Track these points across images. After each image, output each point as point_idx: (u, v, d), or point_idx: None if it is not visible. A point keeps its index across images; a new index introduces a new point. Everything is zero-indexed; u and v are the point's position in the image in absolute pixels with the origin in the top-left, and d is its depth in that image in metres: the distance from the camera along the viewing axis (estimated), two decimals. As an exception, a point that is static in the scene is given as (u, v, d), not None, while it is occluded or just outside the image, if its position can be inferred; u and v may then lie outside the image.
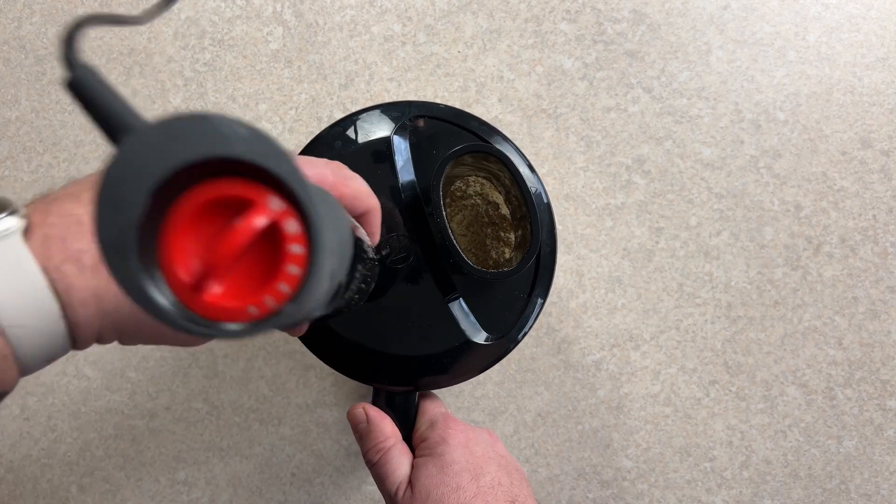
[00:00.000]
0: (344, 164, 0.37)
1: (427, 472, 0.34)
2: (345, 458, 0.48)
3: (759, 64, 0.48)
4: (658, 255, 0.48)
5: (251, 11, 0.48)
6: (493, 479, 0.34)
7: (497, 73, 0.48)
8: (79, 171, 0.48)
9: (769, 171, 0.47)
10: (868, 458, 0.47)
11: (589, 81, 0.48)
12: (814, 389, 0.47)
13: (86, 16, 0.16)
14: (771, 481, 0.48)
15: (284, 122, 0.48)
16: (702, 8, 0.48)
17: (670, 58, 0.48)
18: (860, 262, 0.47)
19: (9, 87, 0.48)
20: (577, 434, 0.48)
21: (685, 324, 0.48)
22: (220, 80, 0.48)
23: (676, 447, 0.48)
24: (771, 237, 0.47)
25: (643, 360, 0.48)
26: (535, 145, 0.48)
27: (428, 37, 0.48)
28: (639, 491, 0.48)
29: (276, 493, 0.48)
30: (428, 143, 0.38)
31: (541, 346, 0.48)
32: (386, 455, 0.35)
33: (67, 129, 0.48)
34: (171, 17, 0.48)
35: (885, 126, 0.47)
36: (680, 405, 0.48)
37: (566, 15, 0.48)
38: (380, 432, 0.36)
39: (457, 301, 0.37)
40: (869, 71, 0.47)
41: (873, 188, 0.47)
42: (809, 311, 0.47)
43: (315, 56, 0.48)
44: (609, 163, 0.48)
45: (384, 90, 0.48)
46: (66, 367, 0.48)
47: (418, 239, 0.37)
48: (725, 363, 0.48)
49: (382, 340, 0.37)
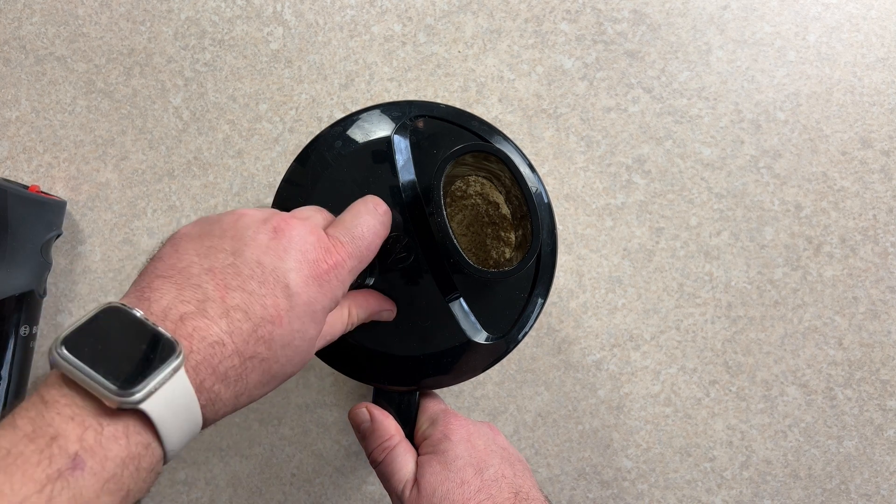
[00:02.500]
0: (344, 164, 0.37)
1: (431, 470, 0.34)
2: (345, 458, 0.48)
3: (759, 64, 0.48)
4: (658, 255, 0.48)
5: (251, 11, 0.48)
6: (497, 471, 0.34)
7: (497, 73, 0.48)
8: (79, 170, 0.48)
9: (769, 171, 0.47)
10: (868, 458, 0.47)
11: (589, 81, 0.48)
12: (814, 389, 0.47)
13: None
14: (771, 481, 0.48)
15: (285, 122, 0.48)
16: (702, 8, 0.48)
17: (670, 58, 0.48)
18: (860, 262, 0.47)
19: (9, 87, 0.48)
20: (577, 434, 0.48)
21: (685, 324, 0.48)
22: (220, 80, 0.48)
23: (677, 447, 0.48)
24: (771, 237, 0.47)
25: (643, 360, 0.48)
26: (536, 145, 0.48)
27: (428, 37, 0.48)
28: (639, 491, 0.48)
29: (276, 493, 0.48)
30: (428, 142, 0.38)
31: (541, 346, 0.48)
32: (391, 454, 0.36)
33: (67, 129, 0.48)
34: (171, 17, 0.48)
35: (886, 126, 0.47)
36: (680, 405, 0.48)
37: (566, 15, 0.48)
38: (384, 431, 0.36)
39: (457, 301, 0.37)
40: (869, 71, 0.47)
41: (873, 188, 0.47)
42: (810, 312, 0.47)
43: (315, 56, 0.48)
44: (609, 163, 0.48)
45: (384, 90, 0.48)
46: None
47: (418, 239, 0.37)
48: (725, 363, 0.48)
49: (382, 340, 0.37)
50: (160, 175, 0.48)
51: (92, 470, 0.20)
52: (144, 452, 0.22)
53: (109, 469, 0.21)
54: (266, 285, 0.26)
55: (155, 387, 0.22)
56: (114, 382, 0.21)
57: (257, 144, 0.48)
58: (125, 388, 0.21)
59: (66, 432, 0.21)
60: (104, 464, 0.21)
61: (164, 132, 0.48)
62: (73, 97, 0.48)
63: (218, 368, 0.24)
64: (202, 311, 0.24)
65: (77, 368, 0.22)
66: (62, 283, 0.48)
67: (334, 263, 0.28)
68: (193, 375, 0.23)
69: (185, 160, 0.48)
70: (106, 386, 0.21)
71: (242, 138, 0.48)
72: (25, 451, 0.20)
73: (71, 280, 0.48)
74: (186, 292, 0.25)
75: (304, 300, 0.27)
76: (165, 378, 0.22)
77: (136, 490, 0.22)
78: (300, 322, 0.27)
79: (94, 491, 0.21)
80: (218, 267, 0.26)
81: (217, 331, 0.24)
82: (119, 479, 0.21)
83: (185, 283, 0.25)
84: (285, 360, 0.27)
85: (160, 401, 0.22)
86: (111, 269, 0.48)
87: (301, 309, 0.27)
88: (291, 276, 0.26)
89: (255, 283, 0.26)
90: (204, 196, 0.48)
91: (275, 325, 0.26)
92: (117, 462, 0.21)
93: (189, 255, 0.27)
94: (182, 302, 0.25)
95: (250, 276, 0.26)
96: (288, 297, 0.26)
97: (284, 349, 0.27)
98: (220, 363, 0.24)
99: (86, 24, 0.48)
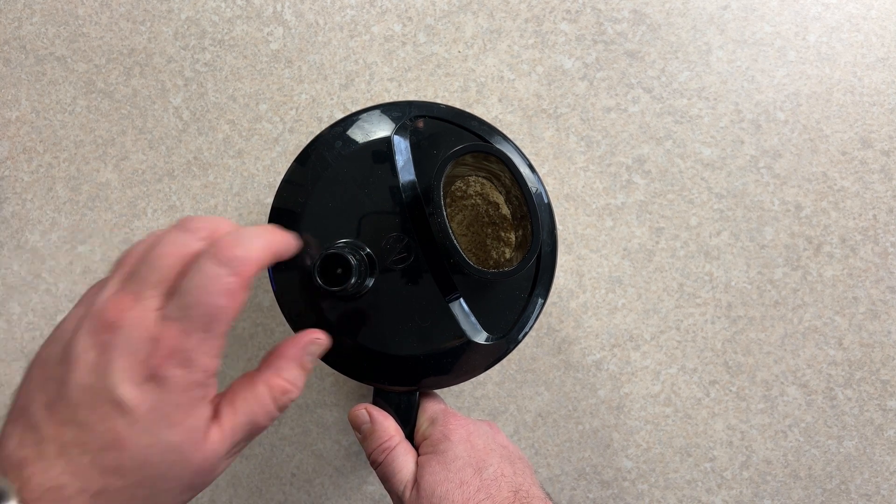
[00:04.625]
0: (344, 164, 0.37)
1: (431, 470, 0.34)
2: (345, 458, 0.48)
3: (759, 64, 0.48)
4: (658, 255, 0.48)
5: (251, 11, 0.48)
6: (496, 470, 0.34)
7: (497, 73, 0.48)
8: (79, 171, 0.48)
9: (769, 171, 0.47)
10: (868, 458, 0.47)
11: (589, 81, 0.48)
12: (814, 389, 0.47)
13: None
14: (771, 481, 0.48)
15: (285, 122, 0.48)
16: (702, 8, 0.48)
17: (670, 58, 0.48)
18: (860, 262, 0.47)
19: (9, 87, 0.48)
20: (577, 434, 0.48)
21: (685, 324, 0.48)
22: (220, 80, 0.48)
23: (677, 447, 0.48)
24: (771, 237, 0.47)
25: (643, 360, 0.48)
26: (536, 145, 0.48)
27: (428, 37, 0.48)
28: (639, 491, 0.48)
29: (276, 493, 0.48)
30: (428, 143, 0.38)
31: (541, 347, 0.48)
32: (391, 454, 0.36)
33: (67, 129, 0.48)
34: (171, 17, 0.48)
35: (886, 126, 0.47)
36: (680, 405, 0.48)
37: (566, 15, 0.48)
38: (384, 432, 0.36)
39: (457, 301, 0.37)
40: (869, 71, 0.47)
41: (873, 188, 0.47)
42: (810, 312, 0.47)
43: (315, 56, 0.48)
44: (609, 163, 0.48)
45: (384, 90, 0.48)
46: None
47: (418, 239, 0.37)
48: (726, 363, 0.48)
49: (383, 340, 0.37)
50: (160, 175, 0.48)
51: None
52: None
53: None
54: (96, 410, 0.24)
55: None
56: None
57: (257, 144, 0.48)
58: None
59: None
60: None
61: (164, 132, 0.48)
62: (73, 97, 0.48)
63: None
64: (40, 454, 0.23)
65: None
66: (62, 283, 0.48)
67: (168, 353, 0.24)
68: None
69: (185, 160, 0.48)
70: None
71: (242, 138, 0.48)
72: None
73: (71, 280, 0.48)
74: (26, 436, 0.24)
75: (146, 409, 0.24)
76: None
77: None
78: (149, 435, 0.24)
79: None
80: (53, 399, 0.24)
81: (55, 473, 0.23)
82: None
83: (26, 425, 0.24)
84: (152, 480, 0.24)
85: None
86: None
87: (145, 421, 0.24)
88: (121, 391, 0.23)
89: (85, 412, 0.24)
90: (204, 196, 0.48)
91: (119, 451, 0.24)
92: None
93: (32, 390, 0.25)
94: (21, 448, 0.24)
95: (79, 405, 0.24)
96: (123, 415, 0.23)
97: (143, 469, 0.24)
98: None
99: (86, 24, 0.48)
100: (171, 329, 0.24)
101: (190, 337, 0.24)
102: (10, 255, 0.48)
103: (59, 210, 0.48)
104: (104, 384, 0.24)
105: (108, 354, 0.24)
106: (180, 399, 0.24)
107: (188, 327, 0.24)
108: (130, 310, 0.24)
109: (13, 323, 0.48)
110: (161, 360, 0.24)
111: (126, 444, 0.24)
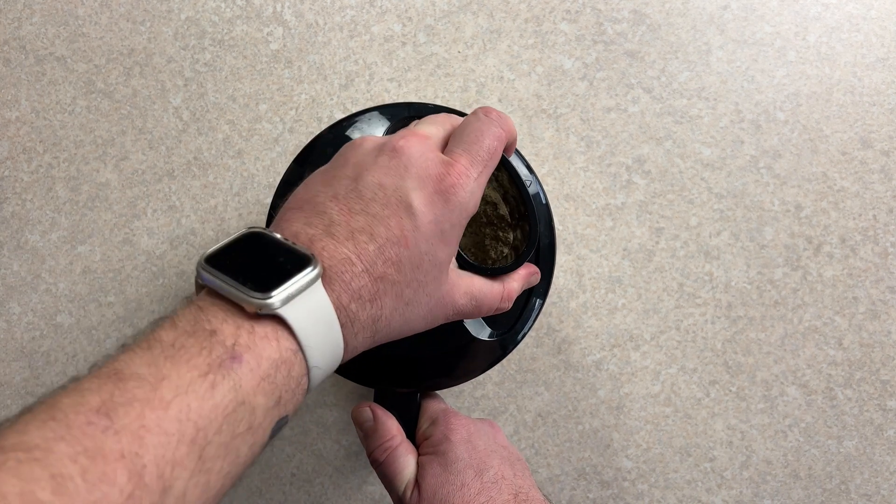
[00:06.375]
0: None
1: (432, 472, 0.34)
2: (345, 458, 0.48)
3: (759, 64, 0.48)
4: (658, 255, 0.48)
5: (251, 11, 0.48)
6: (497, 472, 0.34)
7: (497, 73, 0.48)
8: (79, 171, 0.48)
9: (769, 171, 0.47)
10: (868, 458, 0.47)
11: (589, 81, 0.48)
12: (814, 389, 0.47)
13: None
14: (771, 481, 0.48)
15: (284, 122, 0.48)
16: (702, 8, 0.48)
17: (670, 58, 0.48)
18: (860, 263, 0.47)
19: (9, 87, 0.48)
20: (577, 434, 0.48)
21: (685, 324, 0.48)
22: (220, 81, 0.48)
23: (677, 447, 0.48)
24: (771, 237, 0.47)
25: (643, 361, 0.48)
26: (536, 145, 0.48)
27: (428, 37, 0.48)
28: (639, 491, 0.48)
29: (276, 493, 0.48)
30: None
31: (541, 347, 0.48)
32: (392, 454, 0.36)
33: (67, 129, 0.48)
34: (171, 17, 0.48)
35: (886, 126, 0.47)
36: (680, 405, 0.48)
37: (566, 15, 0.48)
38: (386, 431, 0.37)
39: (457, 301, 0.37)
40: (869, 71, 0.47)
41: (873, 188, 0.47)
42: (809, 312, 0.47)
43: (315, 56, 0.48)
44: (609, 163, 0.48)
45: (384, 90, 0.48)
46: (66, 368, 0.48)
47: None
48: (725, 363, 0.48)
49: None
50: (160, 175, 0.48)
51: (249, 365, 0.22)
52: (294, 359, 0.23)
53: (264, 367, 0.22)
54: (389, 207, 0.26)
55: (291, 294, 0.23)
56: (252, 288, 0.23)
57: (257, 145, 0.48)
58: (262, 292, 0.23)
59: (223, 330, 0.22)
60: (259, 361, 0.22)
61: (163, 132, 0.48)
62: (73, 97, 0.48)
63: (351, 285, 0.25)
64: (329, 234, 0.26)
65: (218, 278, 0.23)
66: (62, 283, 0.48)
67: (458, 175, 0.27)
68: (329, 291, 0.24)
69: (184, 160, 0.48)
70: (244, 291, 0.23)
71: (242, 138, 0.48)
72: (187, 343, 0.22)
73: (71, 280, 0.48)
74: (313, 219, 0.26)
75: (430, 219, 0.27)
76: (302, 287, 0.23)
77: (287, 400, 0.23)
78: (427, 243, 0.27)
79: (251, 386, 0.22)
80: (341, 193, 0.27)
81: (345, 251, 0.25)
82: (273, 380, 0.22)
83: (312, 211, 0.26)
84: (417, 284, 0.27)
85: (299, 310, 0.23)
86: (111, 269, 0.48)
87: (427, 229, 0.27)
88: (414, 196, 0.26)
89: (377, 206, 0.26)
90: (204, 196, 0.48)
91: (401, 247, 0.26)
92: (270, 363, 0.22)
93: (316, 186, 0.28)
94: (310, 227, 0.26)
95: (372, 199, 0.26)
96: (412, 218, 0.26)
97: (415, 272, 0.27)
98: (352, 280, 0.25)
99: (86, 24, 0.48)
100: (460, 157, 0.28)
101: (474, 166, 0.28)
102: (10, 255, 0.48)
103: (58, 210, 0.48)
104: (400, 184, 0.27)
105: (403, 161, 0.27)
106: (455, 221, 0.28)
107: (474, 159, 0.28)
108: (424, 139, 0.28)
109: (13, 323, 0.48)
110: (452, 182, 0.27)
111: (409, 244, 0.26)
